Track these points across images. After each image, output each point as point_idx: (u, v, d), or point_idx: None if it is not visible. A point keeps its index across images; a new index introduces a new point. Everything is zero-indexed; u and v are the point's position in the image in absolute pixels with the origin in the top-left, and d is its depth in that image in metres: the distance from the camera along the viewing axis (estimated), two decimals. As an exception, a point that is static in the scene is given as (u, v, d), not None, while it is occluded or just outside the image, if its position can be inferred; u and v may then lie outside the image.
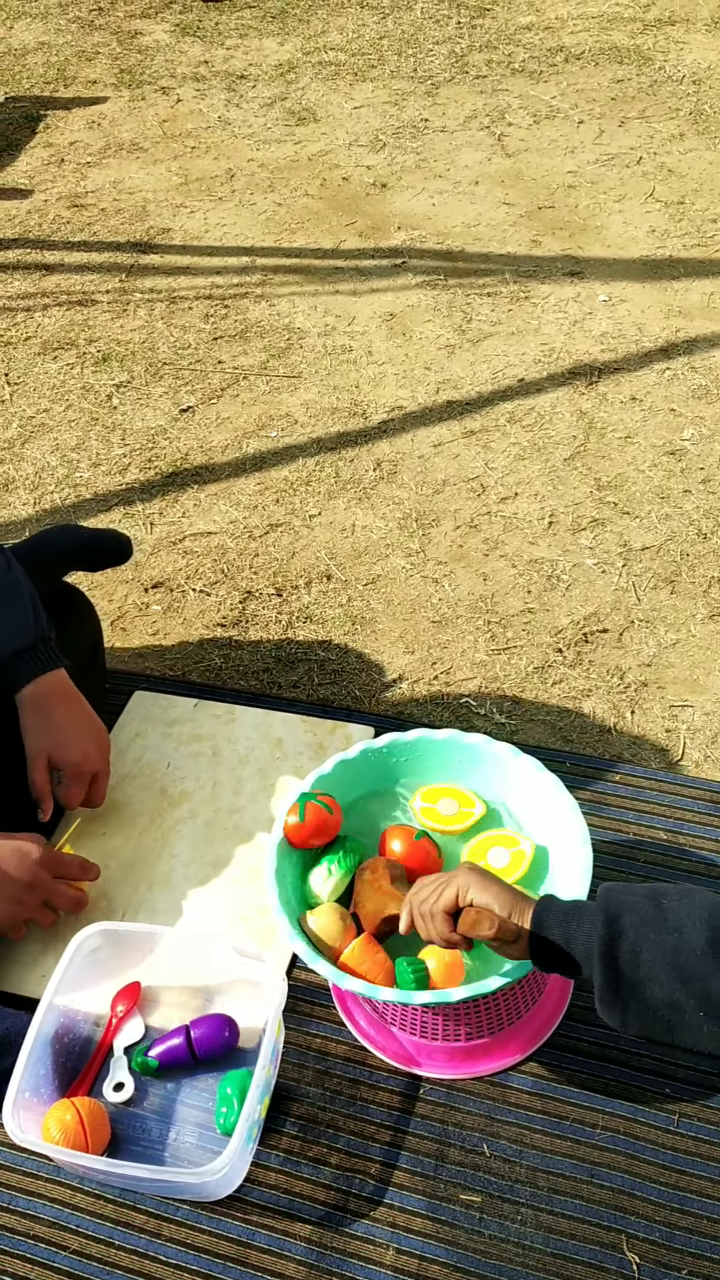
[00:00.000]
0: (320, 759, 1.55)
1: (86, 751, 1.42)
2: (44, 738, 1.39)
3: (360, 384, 2.30)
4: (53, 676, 1.39)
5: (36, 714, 1.39)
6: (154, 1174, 1.11)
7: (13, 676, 1.37)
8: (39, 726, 1.39)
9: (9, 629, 1.35)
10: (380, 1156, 1.19)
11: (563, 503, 1.99)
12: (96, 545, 1.63)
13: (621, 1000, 0.92)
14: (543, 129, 3.09)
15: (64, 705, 1.41)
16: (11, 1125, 1.11)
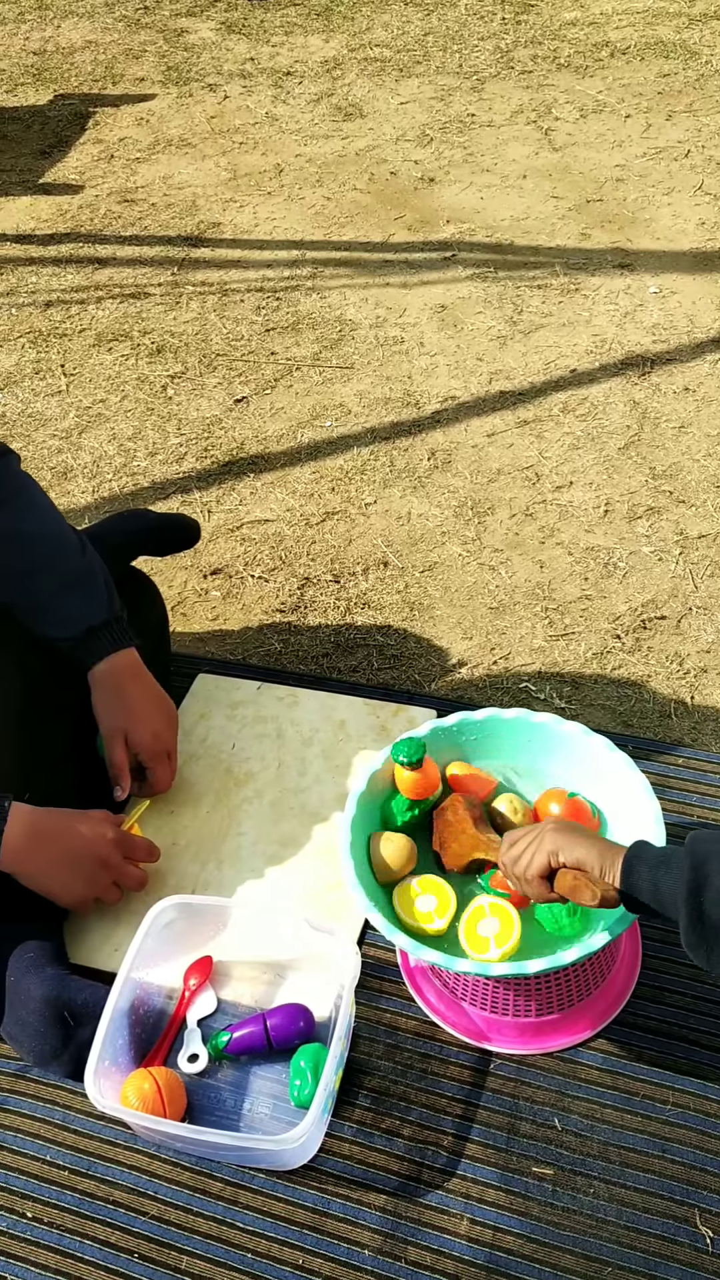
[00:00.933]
0: (384, 741, 1.56)
1: (158, 731, 1.45)
2: (118, 716, 1.41)
3: (413, 374, 2.31)
4: (125, 655, 1.42)
5: (109, 692, 1.41)
6: (234, 1140, 1.13)
7: (85, 653, 1.39)
8: (112, 705, 1.41)
9: (84, 607, 1.38)
10: (452, 1129, 1.20)
11: (618, 491, 2.00)
12: (166, 528, 1.65)
13: (706, 943, 0.94)
14: (589, 123, 3.09)
15: (135, 684, 1.43)
16: (94, 1093, 1.14)
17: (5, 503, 1.39)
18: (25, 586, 1.37)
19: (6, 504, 1.39)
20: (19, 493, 1.41)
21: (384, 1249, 1.13)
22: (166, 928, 1.27)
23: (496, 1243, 1.13)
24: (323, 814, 1.50)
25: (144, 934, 1.24)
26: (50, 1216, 1.18)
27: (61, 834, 1.28)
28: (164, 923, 1.26)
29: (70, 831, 1.29)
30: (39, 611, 1.37)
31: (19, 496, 1.41)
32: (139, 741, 1.43)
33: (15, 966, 1.26)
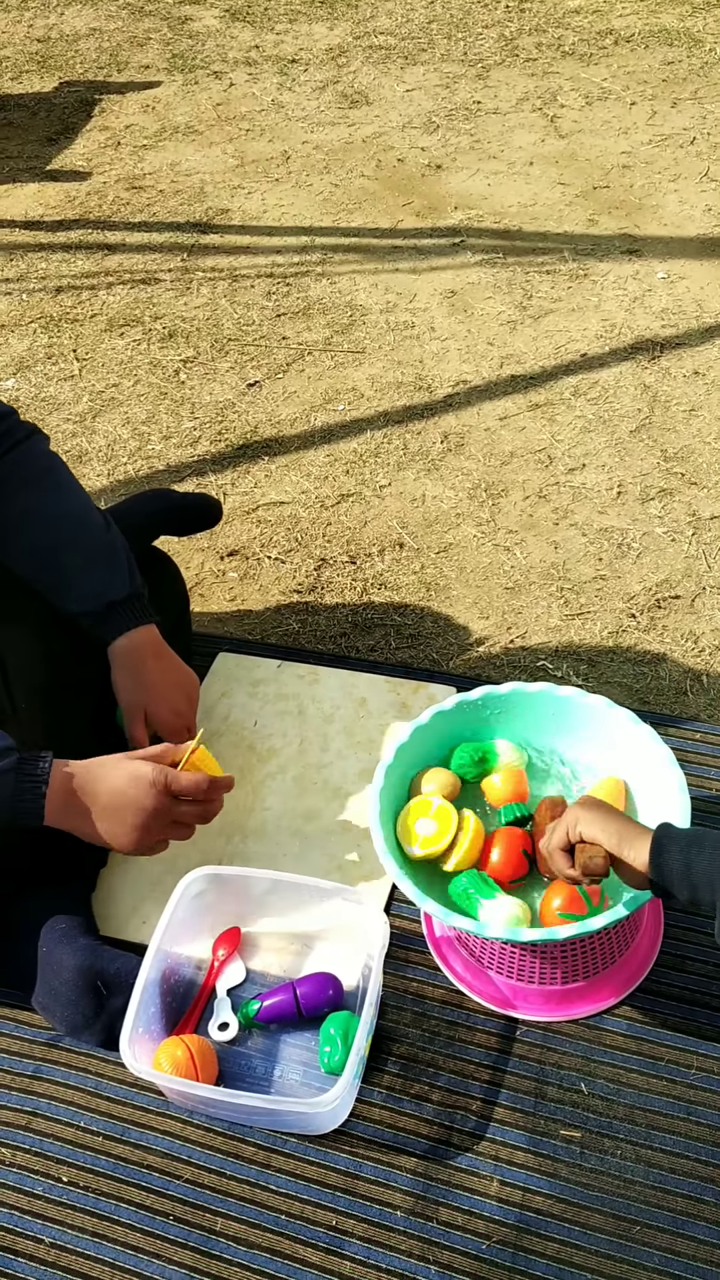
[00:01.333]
0: (405, 718, 1.58)
1: (177, 707, 1.45)
2: (137, 692, 1.42)
3: (424, 359, 2.33)
4: (145, 631, 1.43)
5: (128, 668, 1.42)
6: (269, 1104, 1.15)
7: (106, 629, 1.40)
8: (131, 681, 1.42)
9: (105, 583, 1.39)
10: (480, 1094, 1.22)
11: (630, 473, 2.02)
12: (188, 508, 1.67)
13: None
14: (595, 110, 3.10)
15: (156, 659, 1.44)
16: (130, 1059, 1.15)
17: (33, 481, 1.40)
18: (50, 563, 1.38)
19: (34, 482, 1.40)
20: (48, 471, 1.42)
21: (416, 1210, 1.15)
22: (196, 899, 1.29)
23: (526, 1203, 1.15)
24: (346, 789, 1.51)
25: (174, 905, 1.26)
26: (85, 1181, 1.20)
27: (100, 787, 1.24)
28: (194, 894, 1.28)
29: (108, 783, 1.24)
30: (62, 588, 1.38)
31: (47, 475, 1.42)
32: (158, 718, 1.44)
33: (47, 938, 1.27)
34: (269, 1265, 1.13)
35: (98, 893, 1.41)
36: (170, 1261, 1.14)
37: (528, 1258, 1.11)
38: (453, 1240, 1.13)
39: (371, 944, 1.23)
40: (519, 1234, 1.13)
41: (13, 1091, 1.27)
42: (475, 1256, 1.12)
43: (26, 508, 1.39)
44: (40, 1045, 1.30)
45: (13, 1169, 1.21)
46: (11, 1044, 1.30)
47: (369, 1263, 1.12)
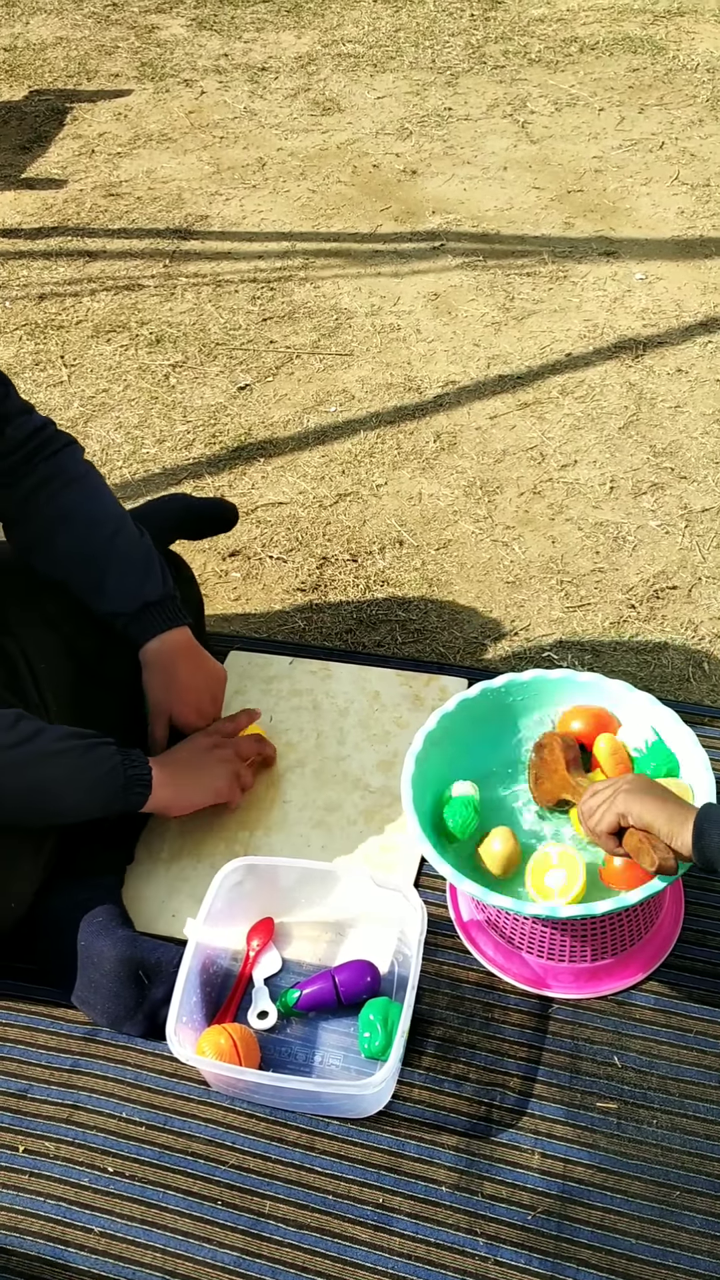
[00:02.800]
0: (418, 709, 1.61)
1: (202, 708, 1.49)
2: (164, 693, 1.45)
3: (412, 360, 2.36)
4: (178, 632, 1.45)
5: (159, 670, 1.45)
6: (317, 1087, 1.17)
7: (140, 630, 1.42)
8: (160, 682, 1.45)
9: (140, 585, 1.41)
10: (517, 1071, 1.25)
11: (621, 469, 2.06)
12: (206, 512, 1.69)
13: None
14: (564, 116, 3.16)
15: (186, 661, 1.46)
16: (177, 1047, 1.17)
17: (72, 486, 1.42)
18: (87, 564, 1.40)
19: (73, 487, 1.42)
20: (85, 477, 1.45)
21: (461, 1185, 1.18)
22: (233, 889, 1.30)
23: (568, 1174, 1.18)
24: (365, 780, 1.54)
25: (213, 895, 1.28)
26: (131, 1170, 1.21)
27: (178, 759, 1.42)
28: (232, 883, 1.30)
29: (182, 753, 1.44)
30: (98, 588, 1.40)
31: (85, 481, 1.45)
32: (182, 718, 1.47)
33: (86, 931, 1.29)
34: (319, 1244, 1.15)
35: (126, 889, 1.42)
36: (221, 1245, 1.15)
37: (573, 1226, 1.14)
38: (498, 1212, 1.16)
39: (408, 929, 1.25)
40: (563, 1204, 1.16)
41: (53, 1086, 1.28)
42: (521, 1227, 1.15)
43: (65, 510, 1.41)
44: (77, 1039, 1.31)
45: (58, 1161, 1.22)
46: (49, 1039, 1.31)
47: (417, 1237, 1.15)
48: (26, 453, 1.42)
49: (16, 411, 1.43)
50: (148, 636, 1.42)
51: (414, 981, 1.21)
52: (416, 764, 1.30)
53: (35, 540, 1.43)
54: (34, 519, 1.44)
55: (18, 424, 1.42)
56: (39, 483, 1.43)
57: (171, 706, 1.45)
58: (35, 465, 1.43)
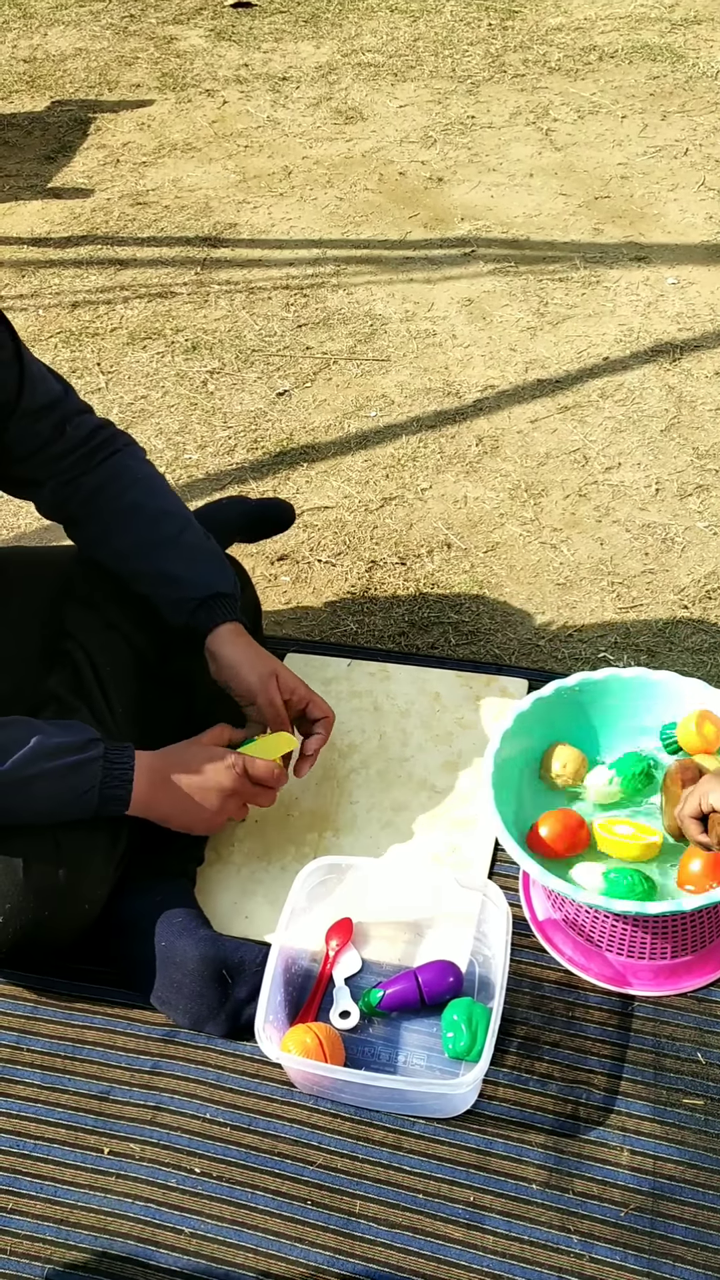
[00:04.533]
0: (480, 710, 1.62)
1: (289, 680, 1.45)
2: (262, 662, 1.41)
3: (449, 365, 2.37)
4: (239, 626, 1.44)
5: (240, 646, 1.41)
6: (407, 1085, 1.17)
7: (206, 616, 1.40)
8: (252, 655, 1.40)
9: (210, 575, 1.41)
10: (601, 1069, 1.25)
11: (665, 471, 2.07)
12: (264, 514, 1.69)
13: None
14: (587, 124, 3.18)
15: (257, 645, 1.45)
16: (266, 1045, 1.17)
17: (140, 482, 1.42)
18: (155, 555, 1.40)
19: (140, 484, 1.42)
20: (152, 477, 1.45)
21: (551, 1183, 1.18)
22: (315, 889, 1.31)
23: (658, 1170, 1.18)
24: (431, 781, 1.54)
25: (295, 895, 1.28)
26: (219, 1171, 1.21)
27: (184, 771, 1.31)
28: (314, 883, 1.30)
29: (191, 767, 1.32)
30: (166, 578, 1.39)
31: (151, 480, 1.45)
32: (289, 681, 1.42)
33: (165, 932, 1.28)
34: (412, 1243, 1.15)
35: (198, 891, 1.42)
36: (313, 1245, 1.15)
37: (666, 1222, 1.14)
38: (590, 1210, 1.16)
39: (492, 928, 1.26)
40: (655, 1200, 1.16)
41: (134, 1088, 1.27)
42: (615, 1224, 1.15)
43: (131, 506, 1.41)
44: (156, 1041, 1.31)
45: (144, 1163, 1.22)
46: (128, 1041, 1.31)
47: (511, 1235, 1.15)
48: (87, 451, 1.43)
49: (75, 411, 1.43)
50: (215, 623, 1.40)
51: (502, 981, 1.21)
52: (496, 762, 1.30)
53: (101, 535, 1.43)
54: (99, 516, 1.43)
55: (77, 423, 1.43)
56: (102, 482, 1.43)
57: (275, 668, 1.40)
58: (96, 464, 1.43)
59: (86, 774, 1.24)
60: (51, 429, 1.39)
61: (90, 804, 1.25)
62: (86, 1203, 1.19)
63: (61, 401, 1.42)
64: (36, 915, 1.22)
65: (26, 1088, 1.28)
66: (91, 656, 1.40)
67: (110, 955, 1.34)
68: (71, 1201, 1.19)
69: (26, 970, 1.36)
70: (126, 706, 1.41)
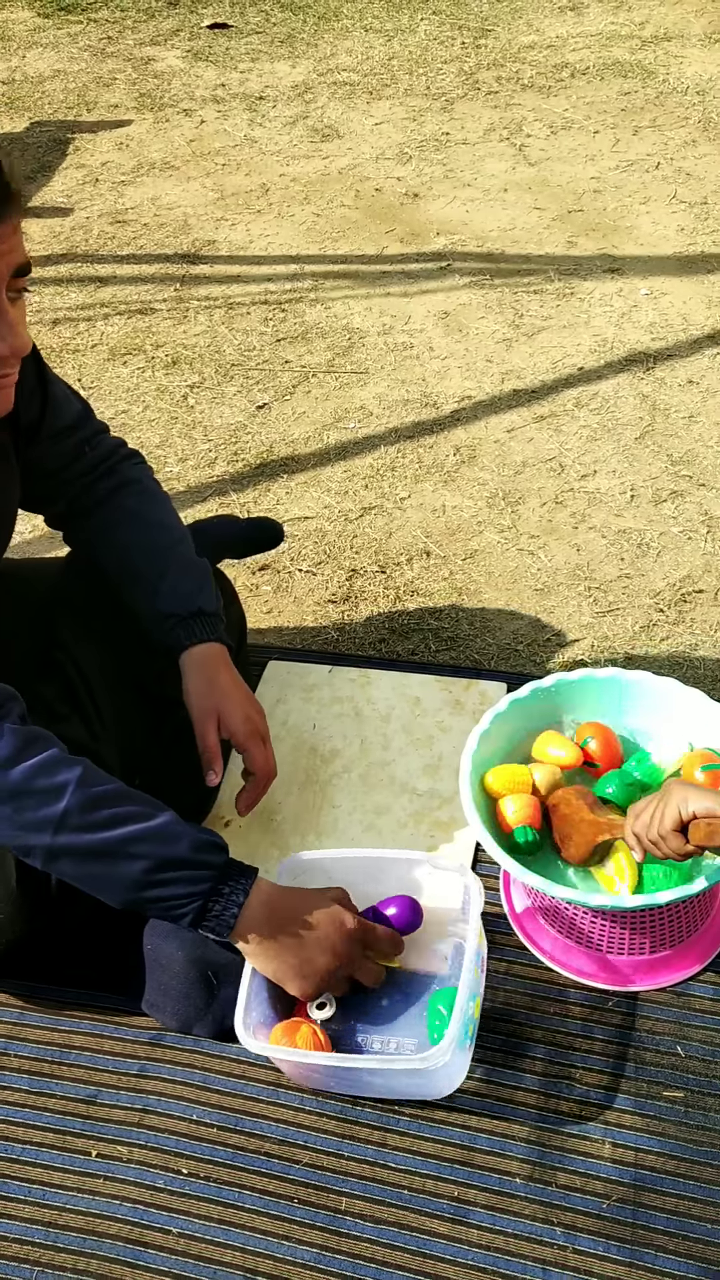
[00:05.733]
0: (459, 714, 1.64)
1: (250, 714, 1.47)
2: (210, 697, 1.43)
3: (426, 377, 2.40)
4: (218, 646, 1.46)
5: (201, 674, 1.43)
6: (385, 1064, 1.19)
7: (185, 632, 1.41)
8: (204, 687, 1.43)
9: (195, 591, 1.42)
10: (581, 1063, 1.27)
11: (640, 478, 2.10)
12: (254, 533, 1.71)
13: None
14: (560, 139, 3.23)
15: (228, 670, 1.46)
16: (248, 1040, 1.18)
17: (144, 493, 1.46)
18: (148, 560, 1.41)
19: (144, 493, 1.46)
20: (155, 492, 1.49)
21: (534, 1176, 1.19)
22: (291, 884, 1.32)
23: (640, 1162, 1.19)
24: (412, 784, 1.56)
25: (276, 893, 1.29)
26: (206, 1171, 1.22)
27: (297, 915, 1.22)
28: (288, 880, 1.31)
29: (305, 913, 1.22)
30: (154, 588, 1.41)
31: (155, 494, 1.48)
32: (231, 723, 1.43)
33: (152, 935, 1.30)
34: (398, 1238, 1.16)
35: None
36: (300, 1242, 1.16)
37: (648, 1213, 1.16)
38: (573, 1202, 1.17)
39: (468, 903, 1.27)
40: (637, 1191, 1.17)
41: (121, 1091, 1.28)
42: (597, 1215, 1.16)
43: (133, 510, 1.43)
44: (143, 1044, 1.32)
45: (132, 1164, 1.23)
46: (115, 1045, 1.32)
47: (495, 1228, 1.16)
48: (103, 471, 1.46)
49: (95, 431, 1.46)
50: (192, 641, 1.41)
51: (471, 959, 1.21)
52: (474, 763, 1.32)
53: (98, 531, 1.45)
54: (99, 512, 1.46)
55: (95, 443, 1.45)
56: (113, 488, 1.46)
57: (220, 708, 1.42)
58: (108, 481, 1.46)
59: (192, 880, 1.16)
60: (73, 449, 1.41)
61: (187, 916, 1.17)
62: (75, 1205, 1.20)
63: (84, 422, 1.44)
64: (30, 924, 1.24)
65: (14, 1093, 1.29)
66: (81, 667, 1.41)
67: (101, 961, 1.35)
68: (60, 1204, 1.20)
69: (16, 978, 1.37)
70: (115, 718, 1.42)
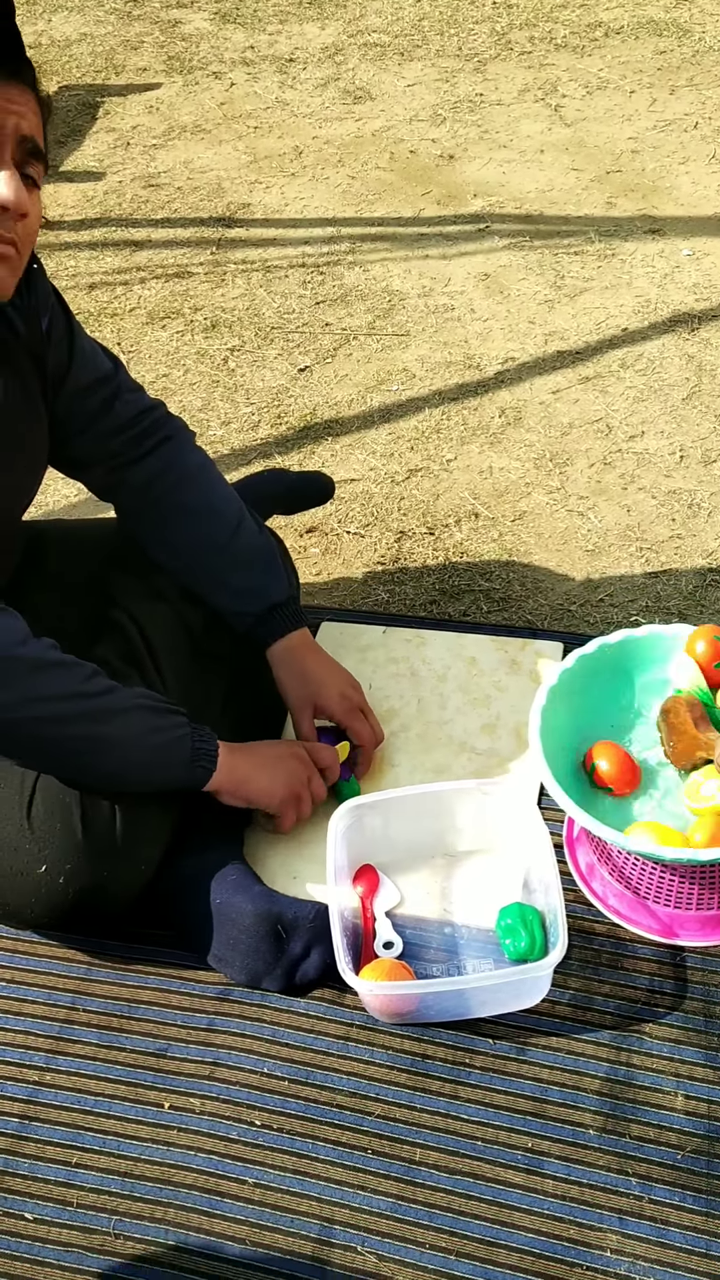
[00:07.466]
0: (516, 674, 1.63)
1: (344, 691, 1.48)
2: (305, 688, 1.45)
3: (468, 339, 2.38)
4: (301, 633, 1.47)
5: (291, 667, 1.46)
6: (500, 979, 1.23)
7: (266, 632, 1.44)
8: (296, 679, 1.46)
9: (266, 584, 1.42)
10: (651, 1018, 1.27)
11: (689, 438, 2.09)
12: (304, 487, 1.70)
13: None
14: (596, 99, 3.19)
15: (313, 654, 1.48)
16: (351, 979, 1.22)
17: (189, 479, 1.43)
18: (210, 560, 1.41)
19: (190, 480, 1.43)
20: (202, 469, 1.45)
21: (607, 1128, 1.20)
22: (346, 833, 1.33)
23: (713, 1114, 1.20)
24: (470, 743, 1.56)
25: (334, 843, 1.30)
26: (278, 1123, 1.22)
27: (254, 752, 1.36)
28: (344, 828, 1.32)
29: (260, 749, 1.38)
30: (220, 586, 1.41)
31: (201, 473, 1.45)
32: (329, 704, 1.45)
33: (220, 889, 1.30)
34: (474, 1189, 1.16)
35: (246, 851, 1.43)
36: (376, 1192, 1.17)
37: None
38: (647, 1153, 1.18)
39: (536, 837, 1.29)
40: (711, 1142, 1.18)
41: (191, 1044, 1.29)
42: (672, 1166, 1.17)
43: (184, 504, 1.42)
44: (211, 999, 1.32)
45: (205, 1116, 1.23)
46: (184, 1000, 1.33)
47: (570, 1179, 1.16)
48: (137, 433, 1.43)
49: (127, 388, 1.44)
50: (275, 638, 1.43)
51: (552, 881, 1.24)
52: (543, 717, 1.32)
53: (153, 532, 1.44)
54: (151, 511, 1.45)
55: (126, 400, 1.43)
56: (155, 474, 1.44)
57: (315, 697, 1.45)
58: (147, 450, 1.44)
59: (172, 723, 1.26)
60: (101, 404, 1.40)
61: (184, 753, 1.26)
62: (150, 1155, 1.21)
63: (111, 378, 1.42)
64: (95, 876, 1.23)
65: (85, 1046, 1.30)
66: (140, 625, 1.41)
67: (165, 916, 1.35)
68: (135, 1155, 1.21)
69: (82, 934, 1.37)
70: (177, 677, 1.42)
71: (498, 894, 1.36)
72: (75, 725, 1.20)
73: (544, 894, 1.29)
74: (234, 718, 1.48)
